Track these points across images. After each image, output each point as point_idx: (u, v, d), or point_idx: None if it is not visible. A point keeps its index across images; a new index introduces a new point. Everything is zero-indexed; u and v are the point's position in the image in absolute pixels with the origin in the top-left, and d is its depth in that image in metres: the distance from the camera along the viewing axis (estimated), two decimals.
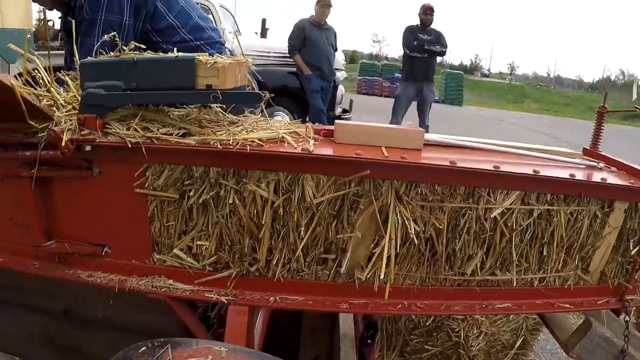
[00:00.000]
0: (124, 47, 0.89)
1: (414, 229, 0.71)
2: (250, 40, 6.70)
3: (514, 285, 0.76)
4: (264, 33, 7.58)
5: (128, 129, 0.78)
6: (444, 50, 6.38)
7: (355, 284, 0.76)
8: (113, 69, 0.79)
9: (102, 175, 0.82)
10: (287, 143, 0.75)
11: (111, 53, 0.85)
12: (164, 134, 0.77)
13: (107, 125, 0.80)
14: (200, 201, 0.77)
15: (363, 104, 9.64)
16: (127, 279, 0.84)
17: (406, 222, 0.71)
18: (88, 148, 0.79)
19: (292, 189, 0.74)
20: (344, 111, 7.11)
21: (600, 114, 1.07)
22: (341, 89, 6.59)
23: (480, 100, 25.58)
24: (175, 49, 0.99)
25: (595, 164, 0.91)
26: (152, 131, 0.78)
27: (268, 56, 5.99)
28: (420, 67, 6.27)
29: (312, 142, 0.75)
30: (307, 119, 6.08)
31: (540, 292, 0.78)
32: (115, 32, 0.95)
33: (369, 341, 1.23)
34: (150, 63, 0.77)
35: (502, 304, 0.76)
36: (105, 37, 0.92)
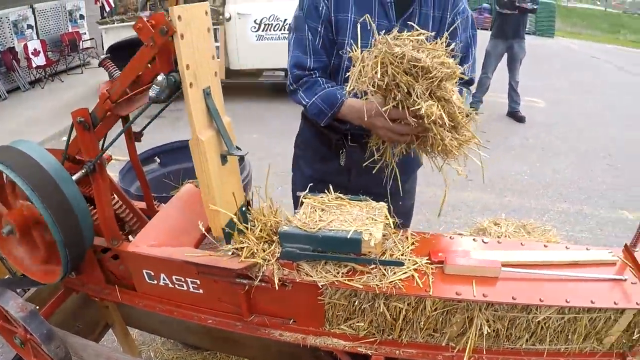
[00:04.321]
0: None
1: (487, 330, 1.30)
2: None
3: (545, 352, 1.39)
4: None
5: (316, 270, 1.28)
6: (535, 7, 6.31)
7: (447, 346, 1.38)
8: (304, 238, 1.24)
9: (292, 288, 1.33)
10: (416, 280, 1.27)
11: None
12: (337, 273, 1.28)
13: (299, 266, 1.29)
14: (361, 308, 1.32)
15: None
16: (307, 337, 1.43)
17: (484, 325, 1.30)
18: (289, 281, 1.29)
19: (418, 305, 1.30)
20: None
21: None
22: None
23: (573, 31, 23.30)
24: None
25: (621, 278, 1.36)
26: (331, 272, 1.28)
27: None
28: (510, 25, 6.30)
29: (431, 279, 1.28)
30: None
31: (563, 355, 1.38)
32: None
33: None
34: (332, 239, 1.23)
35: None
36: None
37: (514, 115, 7.10)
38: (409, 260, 1.32)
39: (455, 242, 1.41)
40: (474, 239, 1.42)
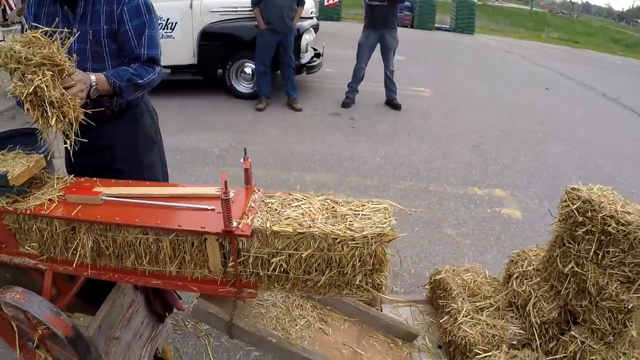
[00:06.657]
0: None
1: (90, 244, 1.77)
2: None
3: (154, 272, 1.77)
4: None
5: None
6: None
7: (82, 262, 1.85)
8: None
9: None
10: (45, 205, 1.80)
11: None
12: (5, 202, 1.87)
13: None
14: (26, 228, 1.88)
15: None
16: (11, 258, 2.00)
17: (88, 240, 1.77)
18: None
19: (52, 225, 1.82)
20: (317, 55, 7.74)
21: None
22: (306, 38, 7.13)
23: (496, 28, 24.56)
24: None
25: (207, 207, 1.73)
26: (2, 202, 1.88)
27: (236, 10, 6.62)
28: (379, 15, 6.79)
29: (54, 205, 1.80)
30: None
31: (177, 278, 1.77)
32: None
33: None
34: None
35: (156, 281, 1.79)
36: None
37: (391, 103, 7.40)
38: (52, 194, 1.86)
39: (96, 183, 1.93)
40: (114, 181, 1.92)
